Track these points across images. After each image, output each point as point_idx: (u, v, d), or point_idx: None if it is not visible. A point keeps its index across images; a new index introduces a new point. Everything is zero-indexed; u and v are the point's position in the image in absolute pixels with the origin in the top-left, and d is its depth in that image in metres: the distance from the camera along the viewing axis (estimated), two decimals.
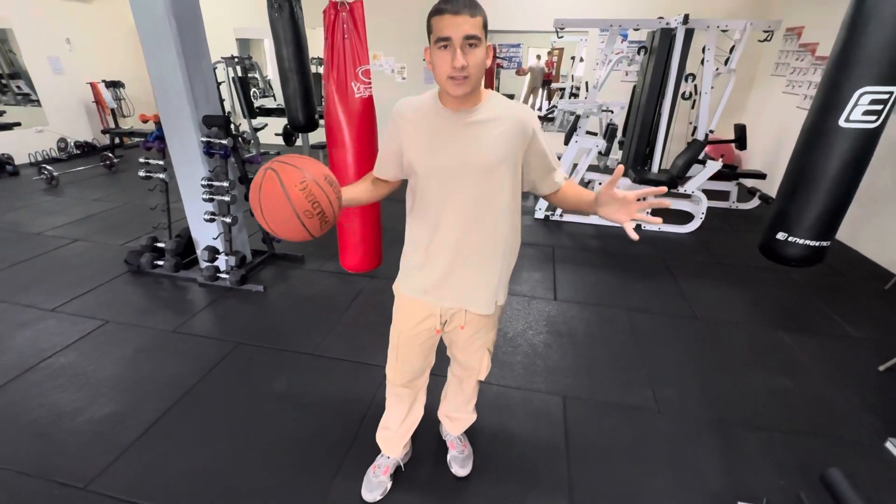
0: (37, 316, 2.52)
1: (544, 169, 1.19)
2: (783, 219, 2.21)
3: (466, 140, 1.09)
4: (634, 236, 1.03)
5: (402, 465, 1.65)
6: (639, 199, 1.03)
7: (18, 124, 5.84)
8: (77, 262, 3.16)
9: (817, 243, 2.14)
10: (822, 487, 1.46)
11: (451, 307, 1.29)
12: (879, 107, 1.71)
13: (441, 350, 1.51)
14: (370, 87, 2.52)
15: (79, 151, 6.22)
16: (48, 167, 4.82)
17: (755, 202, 4.69)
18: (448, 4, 0.95)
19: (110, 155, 5.54)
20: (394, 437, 1.58)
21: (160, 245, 3.05)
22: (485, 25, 0.99)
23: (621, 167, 1.04)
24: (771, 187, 4.73)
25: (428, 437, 1.79)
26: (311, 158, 1.01)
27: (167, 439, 1.75)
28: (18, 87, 6.10)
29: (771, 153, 5.10)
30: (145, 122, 2.72)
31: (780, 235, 2.21)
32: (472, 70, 0.99)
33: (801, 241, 2.15)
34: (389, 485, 1.59)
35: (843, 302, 2.91)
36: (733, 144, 4.84)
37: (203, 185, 2.72)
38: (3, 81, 6.17)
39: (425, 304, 1.30)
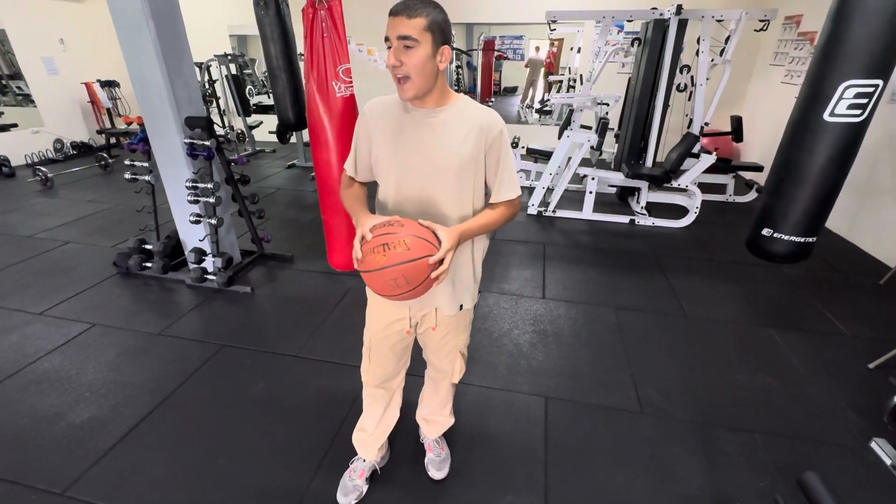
0: (24, 320, 2.53)
1: (495, 177, 1.18)
2: (768, 215, 2.17)
3: (429, 139, 1.10)
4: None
5: (378, 468, 1.64)
6: None
7: (15, 125, 5.87)
8: (67, 265, 3.17)
9: (803, 239, 2.11)
10: (800, 491, 1.44)
11: (419, 307, 1.30)
12: (864, 100, 1.66)
13: (419, 352, 1.50)
14: (352, 86, 2.50)
15: (75, 152, 6.24)
16: (42, 168, 4.84)
17: (752, 195, 4.62)
18: (394, 6, 0.98)
19: (105, 155, 5.55)
20: (369, 439, 1.57)
21: (148, 247, 3.06)
22: (430, 28, 0.98)
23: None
24: None
25: (406, 439, 1.79)
26: (404, 230, 1.03)
27: (145, 445, 1.76)
28: (19, 88, 6.12)
29: (769, 144, 5.01)
30: (129, 124, 2.70)
31: (766, 232, 2.17)
32: (410, 70, 1.00)
33: (786, 238, 2.12)
34: (365, 489, 1.58)
35: (836, 298, 2.87)
36: (730, 136, 4.76)
37: (187, 187, 2.71)
38: (3, 82, 6.19)
39: (395, 305, 1.30)
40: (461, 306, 1.31)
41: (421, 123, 1.11)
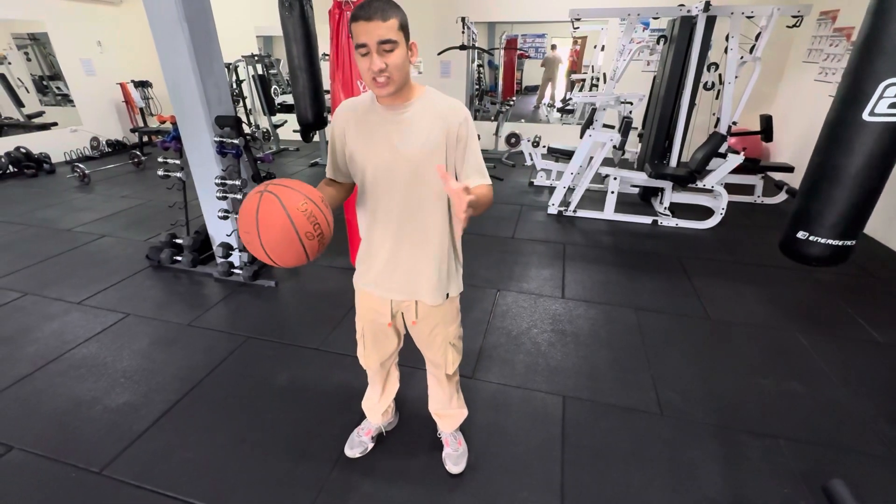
0: (64, 309, 2.67)
1: (462, 164, 1.19)
2: (804, 217, 2.10)
3: (398, 134, 1.14)
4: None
5: (384, 431, 1.80)
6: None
7: (55, 124, 6.17)
8: (103, 258, 3.32)
9: (840, 242, 2.03)
10: (826, 499, 1.41)
11: (400, 300, 1.35)
12: None
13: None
14: None
15: (110, 149, 6.52)
16: (80, 165, 5.07)
17: (782, 196, 4.48)
18: (362, 11, 0.99)
19: (138, 153, 5.77)
20: (375, 406, 1.71)
21: (179, 241, 3.18)
22: (402, 26, 1.02)
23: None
24: (800, 180, 4.51)
25: (424, 433, 1.82)
26: (302, 182, 1.04)
27: (175, 430, 1.84)
28: (59, 88, 6.44)
29: (801, 145, 4.85)
30: (162, 122, 2.82)
31: (801, 234, 2.10)
32: (392, 71, 1.02)
33: (822, 241, 2.04)
34: (370, 446, 1.75)
35: (870, 304, 2.76)
36: (759, 136, 4.63)
37: (216, 184, 2.80)
38: (45, 83, 6.52)
39: (377, 296, 1.36)
40: (447, 295, 1.34)
41: (389, 121, 1.14)
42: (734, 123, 3.86)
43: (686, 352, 2.34)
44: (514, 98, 7.59)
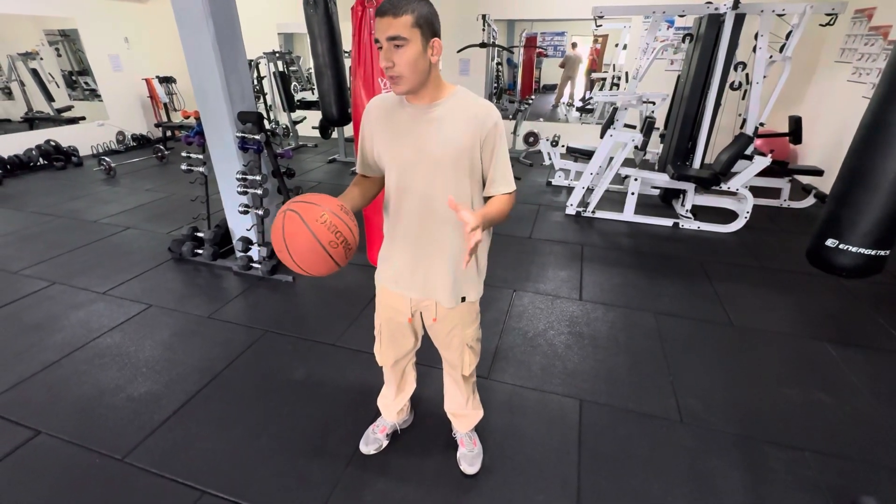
0: (89, 298, 2.74)
1: (491, 169, 1.18)
2: (834, 224, 2.01)
3: (424, 133, 1.13)
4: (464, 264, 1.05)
5: (398, 429, 1.80)
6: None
7: (83, 118, 6.34)
8: (127, 249, 3.40)
9: (874, 252, 1.94)
10: None
11: (419, 298, 1.34)
12: None
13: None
14: None
15: (135, 144, 6.67)
16: (106, 159, 5.21)
17: (810, 200, 4.34)
18: (380, 6, 1.00)
19: (162, 147, 5.90)
20: (390, 404, 1.71)
21: (200, 235, 3.23)
22: (418, 23, 0.99)
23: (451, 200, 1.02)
24: (829, 184, 4.36)
25: (439, 433, 1.81)
26: (323, 194, 1.07)
27: (195, 420, 1.87)
28: (87, 84, 6.61)
29: (832, 147, 4.69)
30: (187, 118, 2.86)
31: (831, 242, 2.02)
32: (402, 69, 1.01)
33: (853, 250, 1.96)
34: (385, 443, 1.75)
35: None
36: (787, 138, 4.49)
37: (238, 179, 2.84)
38: (74, 78, 6.70)
39: (398, 294, 1.36)
40: (463, 298, 1.33)
41: (417, 119, 1.13)
42: (761, 124, 3.75)
43: (708, 358, 2.29)
44: (533, 97, 7.52)
